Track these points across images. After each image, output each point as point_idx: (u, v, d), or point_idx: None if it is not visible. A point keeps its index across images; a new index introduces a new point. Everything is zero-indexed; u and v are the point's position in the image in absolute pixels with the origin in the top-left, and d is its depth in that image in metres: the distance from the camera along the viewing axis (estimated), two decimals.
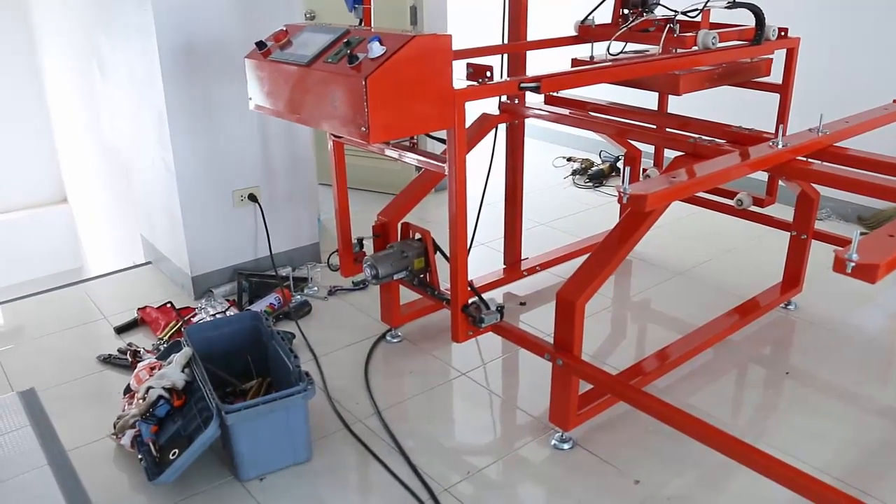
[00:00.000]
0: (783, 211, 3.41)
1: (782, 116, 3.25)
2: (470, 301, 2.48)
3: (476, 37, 3.16)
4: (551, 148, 5.94)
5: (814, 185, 3.07)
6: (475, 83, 2.27)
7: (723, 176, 2.25)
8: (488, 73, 2.27)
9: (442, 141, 2.33)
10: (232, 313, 3.32)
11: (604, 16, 3.29)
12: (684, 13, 3.02)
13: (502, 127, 3.31)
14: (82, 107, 4.88)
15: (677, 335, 3.03)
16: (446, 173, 2.28)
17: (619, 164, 5.13)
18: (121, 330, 3.31)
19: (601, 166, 5.30)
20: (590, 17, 3.30)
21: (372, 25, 2.52)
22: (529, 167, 3.55)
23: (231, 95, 3.40)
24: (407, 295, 3.07)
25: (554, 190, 5.16)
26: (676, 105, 3.48)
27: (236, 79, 3.36)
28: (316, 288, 3.64)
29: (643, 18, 3.12)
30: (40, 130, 6.29)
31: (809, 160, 2.59)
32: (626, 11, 3.23)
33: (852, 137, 2.77)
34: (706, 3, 2.96)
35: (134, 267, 4.09)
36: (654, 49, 3.10)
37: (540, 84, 2.31)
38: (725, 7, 3.02)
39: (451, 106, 2.15)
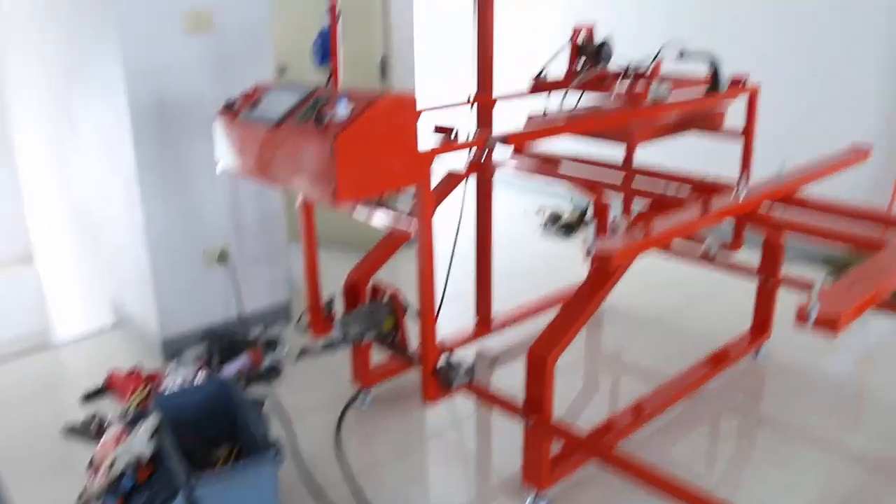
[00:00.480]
0: (752, 255, 3.44)
1: (746, 163, 3.31)
2: (440, 362, 2.46)
3: (446, 86, 3.20)
4: (522, 197, 5.97)
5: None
6: (442, 139, 2.29)
7: (687, 228, 2.28)
8: (453, 132, 2.29)
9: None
10: (202, 376, 3.27)
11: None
12: (633, 67, 3.08)
13: (473, 177, 3.33)
14: (51, 164, 4.84)
15: (651, 386, 3.04)
16: (414, 233, 2.29)
17: (590, 214, 5.16)
18: (87, 398, 3.23)
19: (571, 216, 5.32)
20: (544, 71, 3.32)
21: (340, 81, 2.54)
22: (500, 217, 3.58)
23: (202, 153, 3.41)
24: (379, 354, 3.04)
25: (525, 240, 5.19)
26: (645, 152, 3.52)
27: (207, 136, 3.37)
28: (287, 348, 3.60)
29: (598, 70, 3.18)
30: (7, 186, 6.21)
31: (773, 207, 2.64)
32: (580, 63, 3.29)
33: (814, 183, 2.83)
34: (656, 55, 3.01)
35: (102, 330, 4.02)
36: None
37: (506, 139, 2.34)
38: (677, 58, 3.06)
39: (417, 165, 2.16)
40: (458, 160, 3.11)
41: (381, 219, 2.50)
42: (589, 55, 3.23)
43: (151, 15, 3.18)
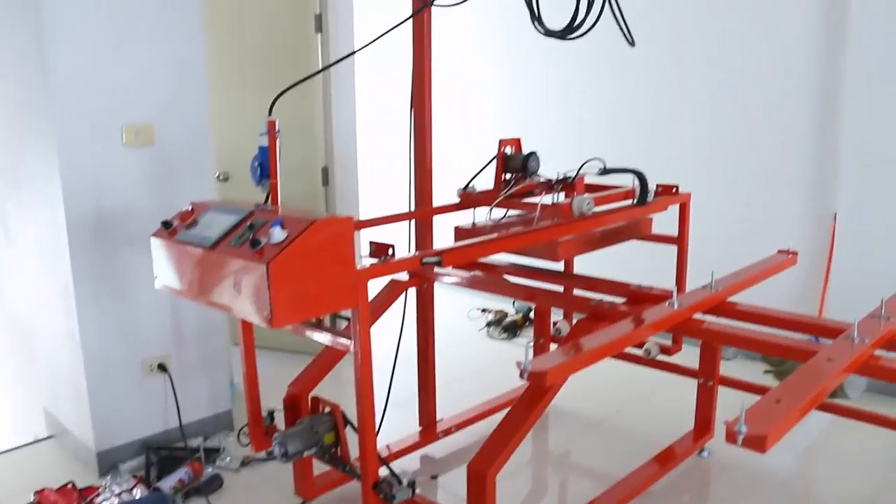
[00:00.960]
0: (693, 352, 3.49)
1: (680, 270, 3.40)
2: (381, 477, 2.43)
3: (389, 194, 3.24)
4: (465, 299, 5.97)
5: None
6: (377, 261, 2.31)
7: (621, 343, 2.32)
8: (390, 251, 2.33)
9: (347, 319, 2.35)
10: (139, 491, 3.17)
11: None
12: (556, 181, 3.13)
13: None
14: None
15: (599, 488, 3.03)
16: (351, 351, 2.29)
17: (533, 315, 5.23)
18: None
19: (515, 317, 5.39)
20: (471, 185, 3.36)
21: (280, 196, 2.57)
22: (444, 320, 3.60)
23: (140, 264, 3.38)
24: (322, 464, 2.99)
25: (469, 342, 5.20)
26: (585, 259, 3.59)
27: (145, 248, 3.35)
28: (228, 459, 3.52)
29: (525, 183, 3.23)
30: None
31: (705, 317, 2.71)
32: (508, 176, 3.34)
33: (743, 291, 2.92)
34: (578, 169, 3.07)
35: (34, 442, 3.89)
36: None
37: (441, 258, 2.38)
38: (598, 174, 3.14)
39: (353, 287, 2.18)
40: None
41: (319, 337, 2.50)
42: (516, 167, 3.29)
43: (91, 128, 3.20)
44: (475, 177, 3.32)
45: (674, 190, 3.44)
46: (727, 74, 4.61)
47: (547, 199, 3.04)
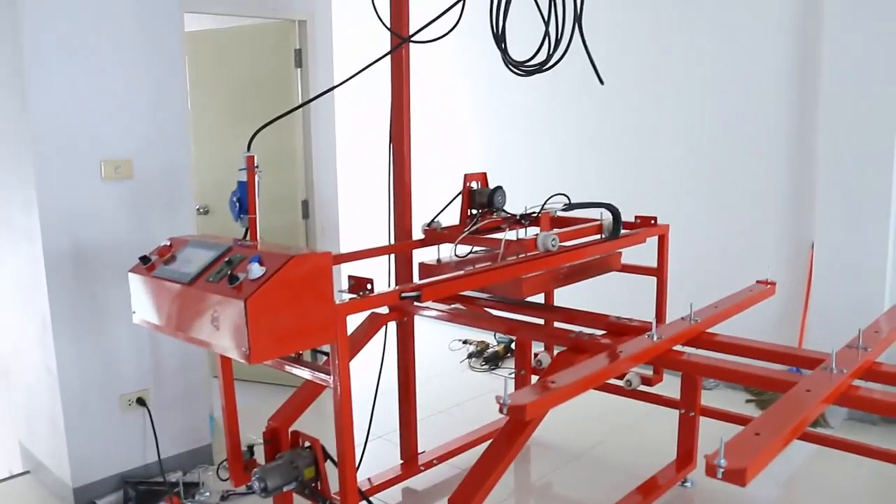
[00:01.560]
0: (675, 382, 3.49)
1: (660, 301, 3.42)
2: None
3: (367, 228, 3.24)
4: (447, 330, 5.92)
5: None
6: (356, 296, 2.31)
7: (601, 376, 2.32)
8: (369, 286, 2.33)
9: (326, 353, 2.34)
10: None
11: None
12: (522, 216, 3.12)
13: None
14: None
15: None
16: (331, 386, 2.28)
17: (514, 346, 5.23)
18: None
19: (496, 348, 5.39)
20: (436, 220, 3.33)
21: (259, 230, 2.56)
22: (425, 351, 3.59)
23: (118, 298, 3.36)
24: (303, 499, 2.96)
25: (450, 374, 5.19)
26: (565, 291, 3.60)
27: (124, 282, 3.30)
28: (208, 493, 3.48)
29: (490, 219, 3.22)
30: None
31: (685, 349, 2.72)
32: (473, 212, 3.33)
33: (723, 322, 2.94)
34: (543, 205, 3.06)
35: (10, 478, 3.83)
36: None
37: (420, 293, 2.38)
38: (562, 210, 3.11)
39: (332, 322, 2.18)
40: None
41: (299, 372, 2.49)
42: (482, 202, 3.28)
43: (70, 162, 3.20)
44: (440, 213, 3.30)
45: (652, 221, 3.46)
46: (704, 106, 4.67)
47: (511, 234, 3.03)
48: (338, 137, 4.92)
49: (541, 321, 3.39)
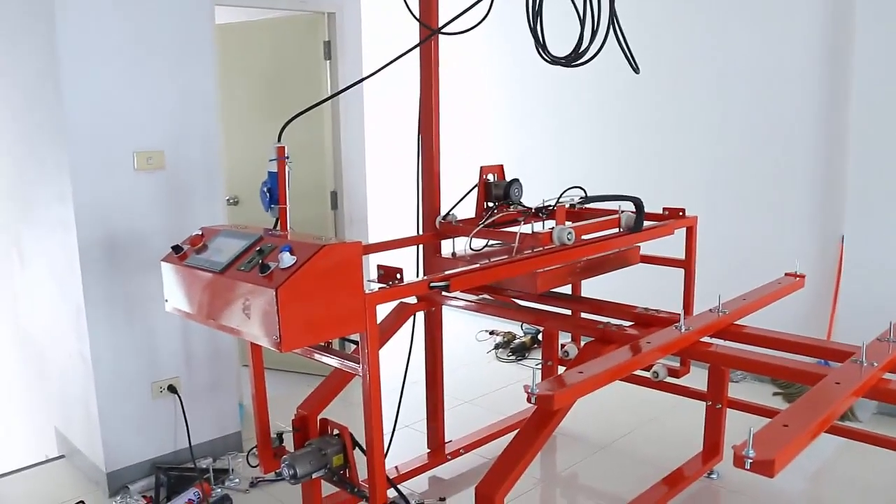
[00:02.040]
0: (701, 374, 3.49)
1: (688, 293, 3.40)
2: (389, 499, 2.44)
3: (395, 219, 3.24)
4: (473, 320, 5.95)
5: None
6: (385, 285, 2.34)
7: (629, 366, 2.33)
8: (398, 276, 2.35)
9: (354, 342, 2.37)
10: None
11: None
12: (538, 209, 3.06)
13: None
14: (0, 297, 4.80)
15: None
16: (360, 374, 2.31)
17: (541, 337, 5.24)
18: None
19: (523, 339, 5.40)
20: (451, 213, 3.31)
21: (289, 220, 2.59)
22: (452, 341, 3.60)
23: (151, 287, 3.42)
24: (330, 486, 3.00)
25: (477, 364, 5.21)
26: (590, 283, 3.60)
27: (156, 271, 3.37)
28: (237, 480, 3.53)
29: (506, 212, 3.18)
30: None
31: (713, 341, 2.71)
32: (490, 205, 3.29)
33: (751, 314, 2.92)
34: (558, 198, 3.00)
35: (45, 462, 3.91)
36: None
37: (449, 283, 2.40)
38: (579, 203, 3.08)
39: (362, 311, 2.20)
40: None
41: (328, 361, 2.51)
42: (498, 195, 3.24)
43: (104, 153, 3.25)
44: (455, 206, 3.28)
45: (680, 213, 3.45)
46: (733, 97, 4.64)
47: (526, 228, 2.97)
48: (367, 128, 4.95)
49: (568, 312, 3.39)
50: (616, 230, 3.18)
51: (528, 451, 2.31)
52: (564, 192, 3.03)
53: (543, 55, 3.06)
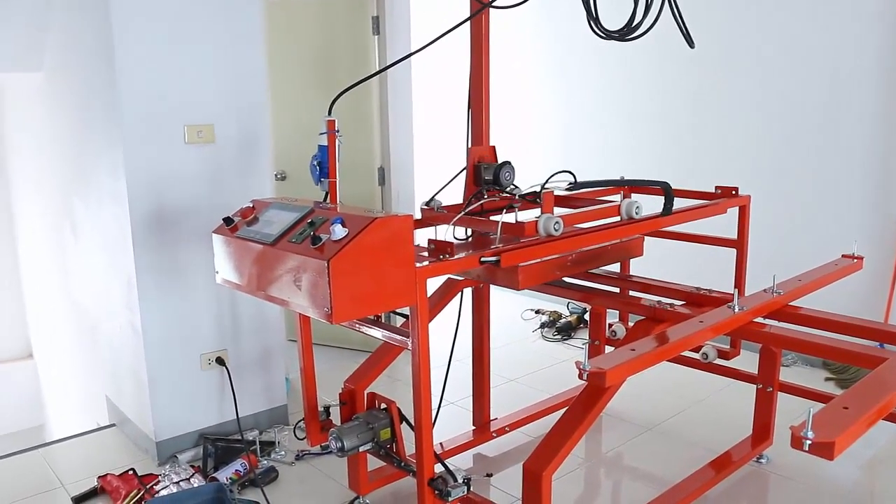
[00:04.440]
0: (751, 358, 3.43)
1: (739, 274, 3.34)
2: (436, 473, 2.44)
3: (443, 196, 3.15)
4: (519, 299, 5.97)
5: None
6: (436, 259, 2.32)
7: (681, 345, 2.29)
8: (448, 250, 2.33)
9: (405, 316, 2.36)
10: (197, 480, 3.24)
11: None
12: (522, 196, 2.82)
13: None
14: (53, 265, 4.91)
15: (652, 493, 3.00)
16: (409, 348, 2.30)
17: (587, 317, 5.19)
18: (79, 500, 3.20)
19: (569, 318, 5.36)
20: (435, 199, 3.04)
21: (338, 200, 2.59)
22: (497, 320, 3.59)
23: (200, 260, 3.45)
24: (376, 459, 3.01)
25: (522, 343, 5.20)
26: (641, 262, 3.55)
27: (205, 243, 3.42)
28: (283, 452, 3.57)
29: (490, 199, 2.92)
30: (10, 285, 6.30)
31: (767, 321, 2.66)
32: (481, 191, 2.96)
33: (806, 295, 2.86)
34: (544, 183, 2.72)
35: (97, 430, 4.00)
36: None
37: (500, 258, 2.38)
38: (566, 191, 2.84)
39: (412, 285, 2.19)
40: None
41: (377, 333, 2.52)
42: (487, 181, 2.94)
43: (155, 127, 3.28)
44: (440, 191, 3.05)
45: (733, 192, 3.38)
46: (784, 70, 4.51)
47: (509, 217, 2.67)
48: (415, 104, 4.92)
49: (616, 290, 3.35)
50: (616, 218, 2.92)
51: (577, 429, 2.29)
52: (552, 176, 2.76)
53: (596, 29, 3.00)
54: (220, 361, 3.60)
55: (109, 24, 3.13)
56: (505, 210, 2.81)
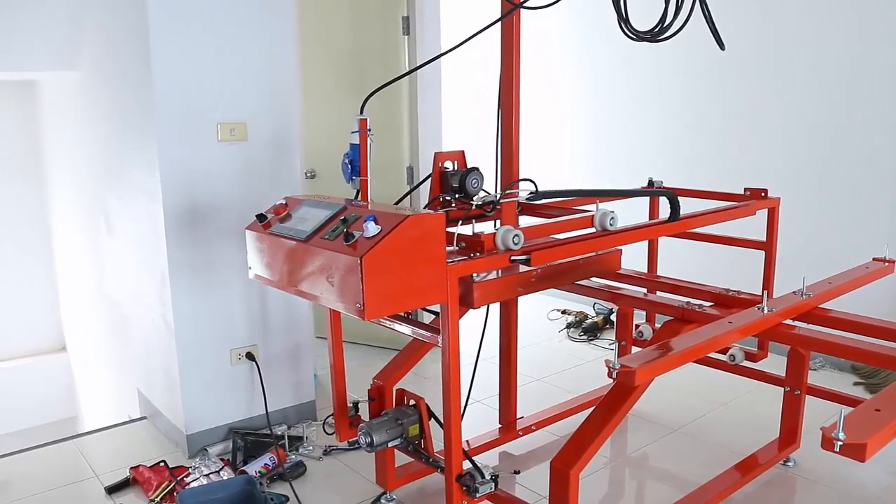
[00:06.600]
0: (778, 361, 3.42)
1: (768, 276, 3.33)
2: (464, 470, 2.47)
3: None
4: (545, 299, 5.92)
5: None
6: (466, 257, 2.34)
7: (711, 345, 2.30)
8: (480, 248, 2.35)
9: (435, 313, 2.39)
10: (226, 473, 3.28)
11: None
12: (484, 205, 2.71)
13: None
14: (87, 260, 5.00)
15: (677, 495, 3.00)
16: (439, 345, 2.33)
17: (613, 318, 5.19)
18: (112, 490, 3.26)
19: (595, 319, 5.36)
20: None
21: (369, 197, 2.62)
22: (524, 320, 3.60)
23: (231, 256, 3.50)
24: (403, 456, 3.04)
25: (549, 343, 5.21)
26: (669, 262, 3.56)
27: (237, 240, 3.47)
28: (311, 447, 3.61)
29: (449, 208, 2.77)
30: (44, 280, 6.42)
31: (796, 323, 2.65)
32: (447, 198, 2.81)
33: (835, 298, 2.84)
34: (503, 192, 2.62)
35: (129, 422, 4.07)
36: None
37: (530, 257, 2.39)
38: (528, 200, 2.67)
39: (444, 281, 2.22)
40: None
41: (407, 330, 2.55)
42: (455, 188, 2.74)
43: (189, 125, 3.33)
44: (403, 197, 2.94)
45: (763, 194, 3.37)
46: (813, 72, 4.48)
47: (465, 228, 2.48)
48: (444, 104, 4.95)
49: (644, 291, 3.36)
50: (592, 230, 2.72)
51: (605, 428, 2.30)
52: (511, 184, 2.64)
53: (627, 31, 3.00)
54: (249, 357, 3.65)
55: (146, 23, 3.18)
56: (461, 221, 2.58)
